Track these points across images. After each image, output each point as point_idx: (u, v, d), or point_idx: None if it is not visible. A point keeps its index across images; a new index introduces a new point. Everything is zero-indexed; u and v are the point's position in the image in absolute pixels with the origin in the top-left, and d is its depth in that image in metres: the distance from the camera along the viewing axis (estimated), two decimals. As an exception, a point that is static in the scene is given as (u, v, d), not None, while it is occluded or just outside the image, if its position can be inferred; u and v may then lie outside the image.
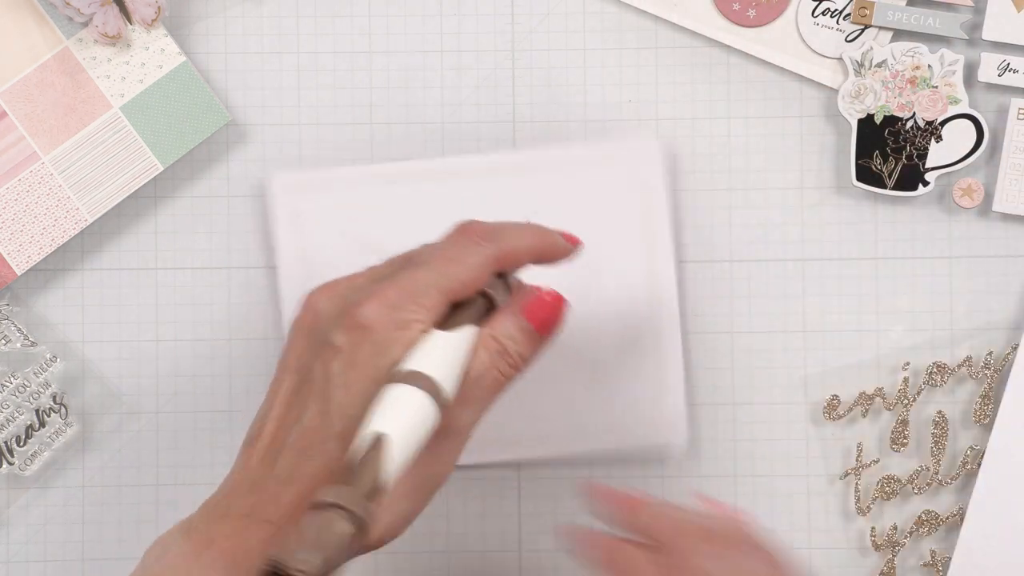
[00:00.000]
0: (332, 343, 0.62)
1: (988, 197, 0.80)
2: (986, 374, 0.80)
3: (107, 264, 0.81)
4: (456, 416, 0.62)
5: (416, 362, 0.60)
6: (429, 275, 0.63)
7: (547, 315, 0.65)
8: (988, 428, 0.80)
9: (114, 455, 0.81)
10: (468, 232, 0.65)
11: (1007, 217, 0.81)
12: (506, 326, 0.64)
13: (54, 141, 0.78)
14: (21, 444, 0.79)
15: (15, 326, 0.79)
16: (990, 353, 0.80)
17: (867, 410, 0.80)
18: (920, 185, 0.80)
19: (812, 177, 0.81)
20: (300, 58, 0.81)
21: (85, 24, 0.78)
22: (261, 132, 0.81)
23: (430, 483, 0.63)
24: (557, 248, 0.67)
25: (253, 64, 0.81)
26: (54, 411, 0.79)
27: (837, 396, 0.81)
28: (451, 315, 0.63)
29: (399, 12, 0.81)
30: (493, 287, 0.64)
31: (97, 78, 0.78)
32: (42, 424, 0.79)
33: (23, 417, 0.79)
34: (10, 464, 0.79)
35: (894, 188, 0.80)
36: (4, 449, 0.78)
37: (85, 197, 0.78)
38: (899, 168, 0.80)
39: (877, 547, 0.81)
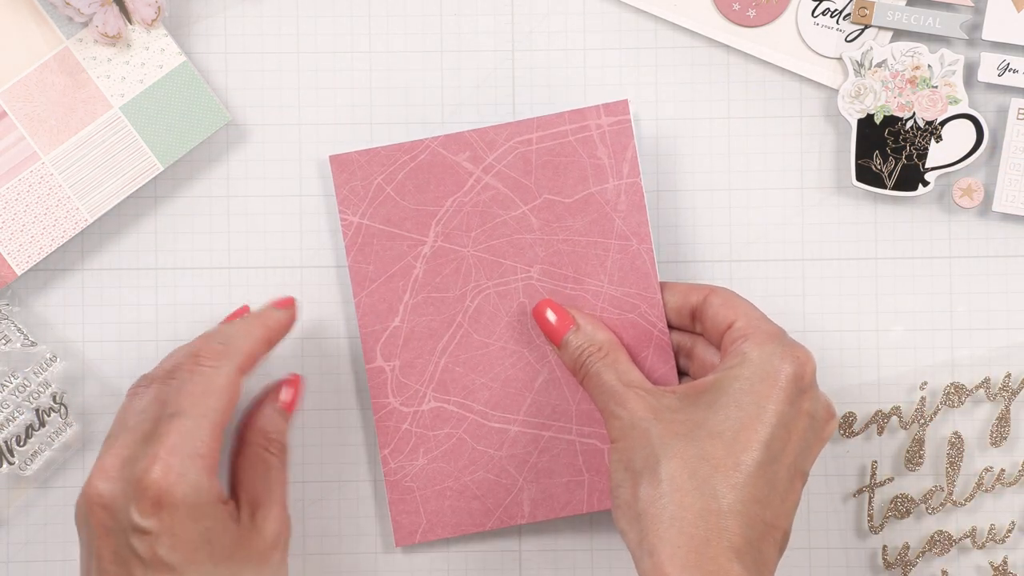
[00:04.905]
0: (140, 528, 0.66)
1: (988, 197, 0.80)
2: (1004, 396, 0.80)
3: (107, 264, 0.81)
4: None
5: None
6: (192, 423, 0.67)
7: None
8: (1003, 450, 0.80)
9: (114, 455, 0.81)
10: (202, 359, 0.70)
11: (1007, 217, 0.81)
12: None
13: (54, 141, 0.78)
14: (21, 444, 0.79)
15: (15, 326, 0.79)
16: (1008, 375, 0.80)
17: (883, 427, 0.80)
18: (920, 185, 0.80)
19: (812, 177, 0.81)
20: (300, 58, 0.81)
21: (85, 24, 0.78)
22: (261, 132, 0.81)
23: None
24: (281, 325, 0.74)
25: (253, 64, 0.81)
26: (54, 411, 0.79)
27: (853, 413, 0.80)
28: None
29: (399, 12, 0.81)
30: None
31: (97, 78, 0.78)
32: (42, 424, 0.79)
33: (23, 417, 0.79)
34: (10, 464, 0.79)
35: (894, 188, 0.80)
36: (4, 449, 0.78)
37: (85, 197, 0.78)
38: (899, 168, 0.80)
39: (888, 565, 0.80)
